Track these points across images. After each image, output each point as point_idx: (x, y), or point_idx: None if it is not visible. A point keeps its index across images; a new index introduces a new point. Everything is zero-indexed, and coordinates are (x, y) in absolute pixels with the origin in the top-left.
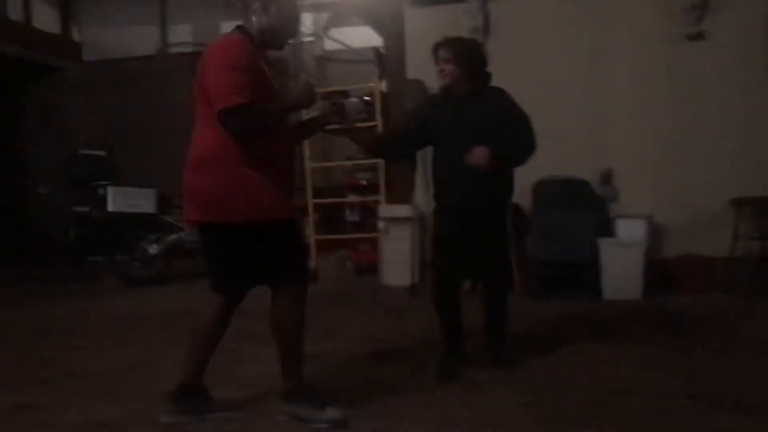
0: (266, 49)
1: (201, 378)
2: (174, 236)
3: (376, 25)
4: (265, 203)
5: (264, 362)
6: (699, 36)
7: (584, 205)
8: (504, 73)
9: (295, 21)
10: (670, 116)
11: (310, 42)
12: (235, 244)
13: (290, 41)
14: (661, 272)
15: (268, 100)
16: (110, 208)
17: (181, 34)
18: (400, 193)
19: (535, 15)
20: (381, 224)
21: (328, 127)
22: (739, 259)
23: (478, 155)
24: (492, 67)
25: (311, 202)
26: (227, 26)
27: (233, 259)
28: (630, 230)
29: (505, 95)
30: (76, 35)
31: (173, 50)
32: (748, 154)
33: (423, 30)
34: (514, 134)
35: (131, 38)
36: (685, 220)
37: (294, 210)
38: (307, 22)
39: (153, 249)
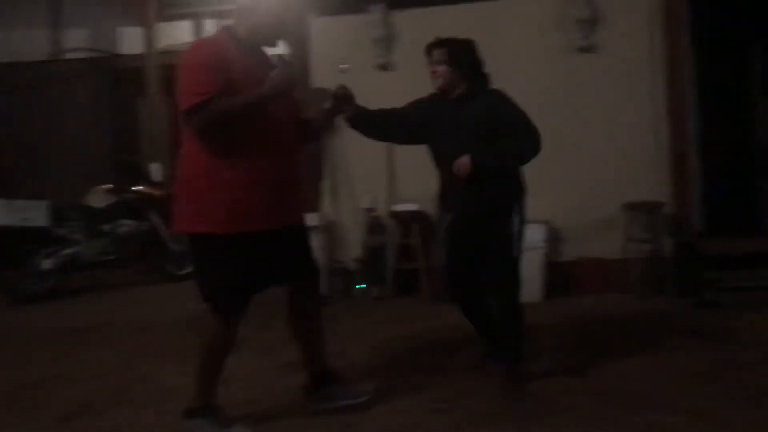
0: (259, 47)
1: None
2: (70, 250)
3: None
4: (218, 216)
5: (162, 380)
6: (590, 48)
7: None
8: (408, 82)
9: (286, 18)
10: (565, 125)
11: None
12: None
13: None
14: (559, 275)
15: None
16: None
17: (77, 39)
18: (308, 201)
19: (436, 25)
20: None
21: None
22: (630, 260)
23: (459, 166)
24: (395, 77)
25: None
26: (127, 32)
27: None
28: (530, 235)
29: (501, 96)
30: None
31: (67, 56)
32: (636, 160)
33: (328, 39)
34: (510, 136)
35: (21, 42)
36: (581, 225)
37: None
38: (211, 29)
39: (46, 264)
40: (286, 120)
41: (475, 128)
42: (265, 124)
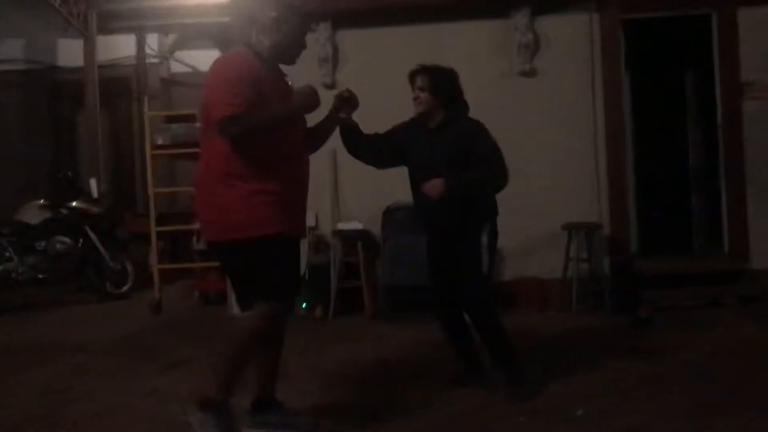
0: (278, 64)
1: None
2: (0, 267)
3: (225, 49)
4: (249, 220)
5: (98, 400)
6: (531, 72)
7: None
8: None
9: (304, 37)
10: (506, 147)
11: (155, 64)
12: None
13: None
14: (500, 294)
15: None
16: None
17: (14, 50)
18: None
19: (380, 46)
20: None
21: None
22: (569, 279)
23: (431, 187)
24: None
25: (154, 229)
26: (64, 43)
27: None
28: None
29: (477, 127)
30: None
31: (3, 67)
32: (576, 182)
33: None
34: (481, 165)
35: None
36: (522, 245)
37: (294, 226)
38: (153, 43)
39: None
40: (301, 132)
41: (450, 154)
42: (290, 135)
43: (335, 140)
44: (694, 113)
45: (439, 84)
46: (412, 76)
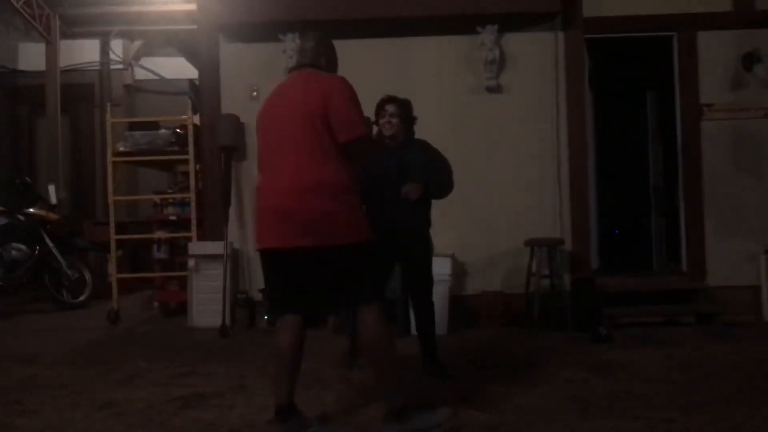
0: None
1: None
2: None
3: (191, 56)
4: (364, 226)
5: (50, 413)
6: (497, 88)
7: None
8: None
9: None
10: (471, 163)
11: (119, 70)
12: (333, 266)
13: None
14: (463, 308)
15: None
16: None
17: None
18: (213, 229)
19: (349, 58)
20: (191, 262)
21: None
22: (531, 295)
23: (411, 189)
24: None
25: (114, 237)
26: (25, 47)
27: (323, 282)
28: (435, 268)
29: (429, 145)
30: None
31: None
32: (539, 198)
33: (238, 65)
34: (437, 176)
35: None
36: (485, 259)
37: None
38: (117, 49)
39: None
40: None
41: (419, 164)
42: None
43: None
44: (655, 133)
45: (405, 111)
46: (383, 104)
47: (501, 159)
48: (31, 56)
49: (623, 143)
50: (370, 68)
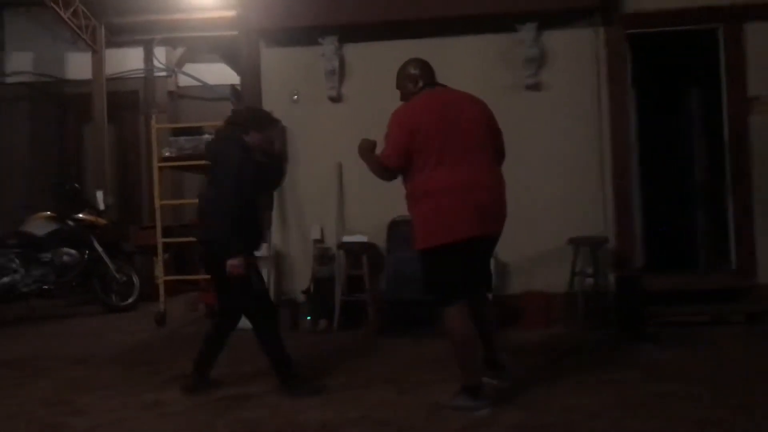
0: None
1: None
2: (6, 279)
3: (232, 62)
4: None
5: (95, 412)
6: (537, 86)
7: None
8: (358, 114)
9: None
10: (512, 161)
11: (162, 77)
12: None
13: None
14: (505, 308)
15: None
16: None
17: (22, 63)
18: None
19: (385, 59)
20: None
21: None
22: (575, 294)
23: None
24: (346, 108)
25: (161, 241)
26: (72, 57)
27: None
28: None
29: None
30: None
31: (11, 79)
32: (581, 196)
33: (279, 70)
34: None
35: None
36: (527, 259)
37: None
38: (161, 57)
39: None
40: None
41: None
42: None
43: (341, 153)
44: (700, 128)
45: None
46: None
47: (542, 157)
48: (78, 65)
49: (667, 139)
50: None
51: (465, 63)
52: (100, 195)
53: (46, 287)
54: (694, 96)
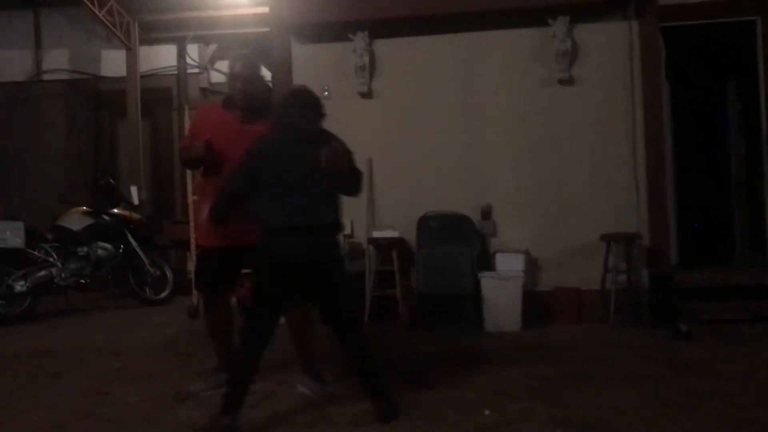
0: None
1: None
2: (44, 272)
3: (264, 58)
4: None
5: (131, 402)
6: (569, 80)
7: (465, 239)
8: (388, 110)
9: None
10: (544, 156)
11: (195, 74)
12: None
13: None
14: (537, 303)
15: None
16: None
17: (58, 61)
18: None
19: (417, 54)
20: None
21: None
22: (607, 291)
23: None
24: (376, 104)
25: (194, 235)
26: (107, 54)
27: None
28: (509, 264)
29: None
30: None
31: (48, 77)
32: (614, 192)
33: (310, 66)
34: None
35: (1, 62)
36: (559, 255)
37: None
38: (193, 53)
39: (19, 286)
40: None
41: None
42: None
43: (371, 149)
44: (737, 122)
45: None
46: None
47: (574, 152)
48: (112, 63)
49: (702, 133)
50: (438, 65)
51: (496, 58)
52: (134, 190)
53: (82, 281)
54: (731, 88)
